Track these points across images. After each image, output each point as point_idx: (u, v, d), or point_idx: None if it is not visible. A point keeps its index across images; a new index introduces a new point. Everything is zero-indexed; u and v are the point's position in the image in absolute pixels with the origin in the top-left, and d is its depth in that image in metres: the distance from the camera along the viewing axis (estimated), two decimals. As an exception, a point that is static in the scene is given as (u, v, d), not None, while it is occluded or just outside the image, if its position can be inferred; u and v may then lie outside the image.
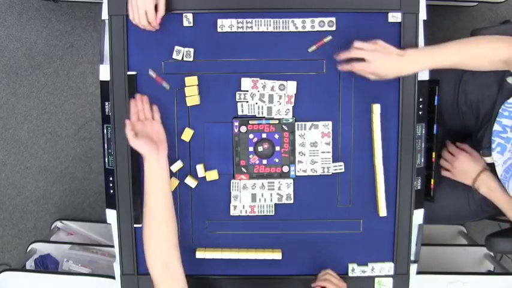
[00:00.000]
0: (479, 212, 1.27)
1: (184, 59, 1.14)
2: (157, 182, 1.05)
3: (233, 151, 1.16)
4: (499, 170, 1.15)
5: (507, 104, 1.13)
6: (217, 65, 1.15)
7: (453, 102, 1.27)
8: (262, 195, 1.17)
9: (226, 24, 1.13)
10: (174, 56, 1.14)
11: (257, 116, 1.16)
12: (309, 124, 1.15)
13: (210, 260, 1.19)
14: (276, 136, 1.15)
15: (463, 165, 1.22)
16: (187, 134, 1.15)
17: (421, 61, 1.07)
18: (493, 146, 1.16)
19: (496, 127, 1.15)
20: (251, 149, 1.16)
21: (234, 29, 1.13)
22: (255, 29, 1.13)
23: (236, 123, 1.15)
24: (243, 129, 1.15)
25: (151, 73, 1.13)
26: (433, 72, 1.15)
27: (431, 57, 1.06)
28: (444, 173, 1.25)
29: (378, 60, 1.06)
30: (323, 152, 1.16)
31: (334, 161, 1.16)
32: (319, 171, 1.16)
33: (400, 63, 1.06)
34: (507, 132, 1.13)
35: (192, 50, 1.14)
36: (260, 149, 1.16)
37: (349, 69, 1.09)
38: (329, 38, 1.12)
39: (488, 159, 1.20)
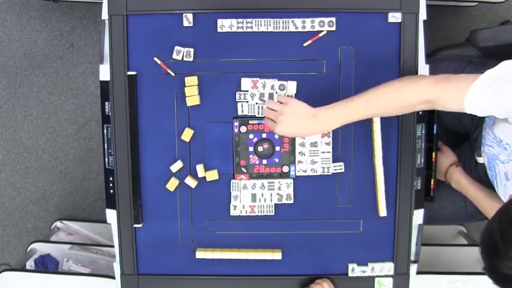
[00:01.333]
0: (477, 213, 1.27)
1: (184, 59, 1.14)
2: None
3: (233, 151, 1.15)
4: (487, 169, 1.15)
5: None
6: (217, 65, 1.15)
7: None
8: (262, 195, 1.17)
9: (226, 24, 1.13)
10: (174, 56, 1.14)
11: (257, 116, 1.16)
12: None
13: (210, 260, 1.19)
14: (276, 136, 1.15)
15: (441, 157, 1.27)
16: (187, 134, 1.15)
17: (333, 120, 1.01)
18: (483, 148, 1.16)
19: (484, 131, 1.15)
20: (251, 149, 1.16)
21: (234, 29, 1.13)
22: (255, 29, 1.13)
23: (236, 123, 1.15)
24: (243, 129, 1.15)
25: (157, 60, 1.13)
26: (433, 72, 1.15)
27: (343, 114, 1.00)
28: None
29: (282, 123, 1.01)
30: (323, 152, 1.16)
31: (334, 161, 1.16)
32: (319, 171, 1.16)
33: (312, 123, 1.01)
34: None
35: (192, 50, 1.14)
36: (260, 149, 1.16)
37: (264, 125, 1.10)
38: (324, 32, 1.12)
39: (481, 160, 1.20)
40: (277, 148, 1.15)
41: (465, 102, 0.90)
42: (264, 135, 1.15)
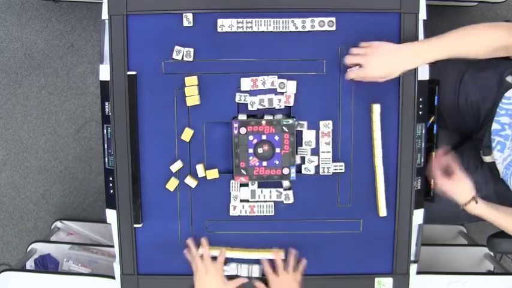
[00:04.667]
0: None
1: (184, 59, 1.14)
2: None
3: (233, 153, 1.15)
4: (500, 167, 1.15)
5: (504, 100, 1.13)
6: (217, 65, 1.15)
7: (453, 103, 1.27)
8: (262, 191, 1.17)
9: (226, 24, 1.13)
10: (174, 56, 1.14)
11: (257, 116, 1.16)
12: (308, 124, 1.15)
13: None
14: (276, 138, 1.14)
15: (458, 187, 1.17)
16: (187, 134, 1.15)
17: (419, 54, 1.05)
18: (493, 144, 1.16)
19: (495, 126, 1.15)
20: (251, 150, 1.14)
21: (234, 29, 1.13)
22: (255, 29, 1.13)
23: (236, 125, 1.13)
24: (243, 130, 1.13)
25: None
26: (433, 72, 1.15)
27: (429, 49, 1.05)
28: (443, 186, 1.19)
29: (372, 62, 1.05)
30: (323, 152, 1.16)
31: (334, 161, 1.16)
32: (320, 171, 1.16)
33: (398, 59, 1.05)
34: (505, 130, 1.13)
35: (192, 50, 1.14)
36: (260, 150, 1.14)
37: (351, 78, 1.09)
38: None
39: (488, 159, 1.20)
40: (278, 150, 1.14)
41: None
42: (264, 137, 1.14)
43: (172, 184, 1.17)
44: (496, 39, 1.02)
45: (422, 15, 1.13)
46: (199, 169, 1.16)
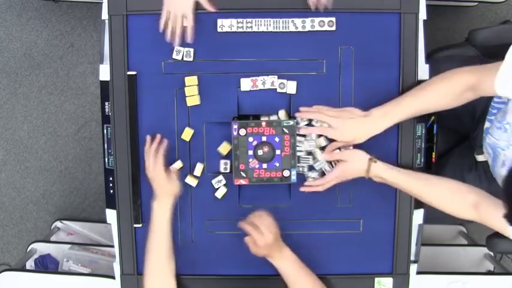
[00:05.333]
0: None
1: (184, 59, 1.14)
2: (164, 222, 1.10)
3: (232, 154, 1.14)
4: (490, 163, 1.16)
5: (496, 99, 1.13)
6: (217, 65, 1.15)
7: None
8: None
9: (226, 24, 1.13)
10: (174, 56, 1.14)
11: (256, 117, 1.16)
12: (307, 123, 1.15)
13: (210, 260, 1.19)
14: (277, 139, 1.12)
15: (349, 155, 1.12)
16: (187, 134, 1.15)
17: (385, 119, 1.07)
18: (485, 143, 1.16)
19: (487, 124, 1.15)
20: (251, 152, 1.12)
21: (234, 29, 1.13)
22: (255, 29, 1.13)
23: (235, 126, 1.11)
24: (242, 132, 1.12)
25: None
26: (432, 72, 1.15)
27: (395, 111, 1.07)
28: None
29: (344, 126, 1.08)
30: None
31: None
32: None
33: (367, 124, 1.08)
34: None
35: (191, 50, 1.14)
36: (260, 152, 1.12)
37: (312, 132, 1.12)
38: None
39: (481, 158, 1.20)
40: (278, 152, 1.12)
41: (495, 85, 0.94)
42: (264, 138, 1.12)
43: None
44: (458, 84, 1.02)
45: (422, 15, 1.13)
46: (199, 169, 1.16)
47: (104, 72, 1.17)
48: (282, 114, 1.16)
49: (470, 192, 1.04)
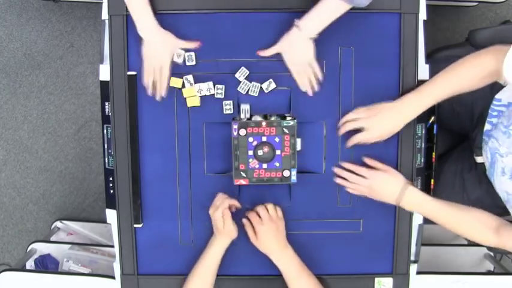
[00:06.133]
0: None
1: (187, 63, 1.13)
2: (217, 257, 1.14)
3: (232, 155, 1.14)
4: (487, 167, 1.16)
5: (495, 102, 1.13)
6: (217, 65, 1.15)
7: (449, 103, 1.27)
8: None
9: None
10: (175, 59, 1.13)
11: (257, 116, 1.16)
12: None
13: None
14: (277, 139, 1.12)
15: (378, 188, 1.12)
16: (175, 82, 1.14)
17: (417, 103, 1.06)
18: (485, 145, 1.16)
19: (487, 126, 1.15)
20: (251, 152, 1.13)
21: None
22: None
23: (235, 126, 1.12)
24: (242, 132, 1.12)
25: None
26: (433, 72, 1.15)
27: (425, 95, 1.06)
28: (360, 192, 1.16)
29: (377, 124, 1.08)
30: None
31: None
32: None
33: (399, 115, 1.07)
34: None
35: (193, 54, 1.13)
36: (260, 152, 1.12)
37: (354, 143, 1.11)
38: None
39: (480, 159, 1.20)
40: (278, 152, 1.12)
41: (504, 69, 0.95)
42: (264, 139, 1.12)
43: (176, 82, 1.14)
44: (484, 67, 1.02)
45: (422, 15, 1.13)
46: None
47: (104, 72, 1.17)
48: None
49: (492, 218, 1.06)
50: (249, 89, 1.14)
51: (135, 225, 1.19)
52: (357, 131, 1.11)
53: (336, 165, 1.16)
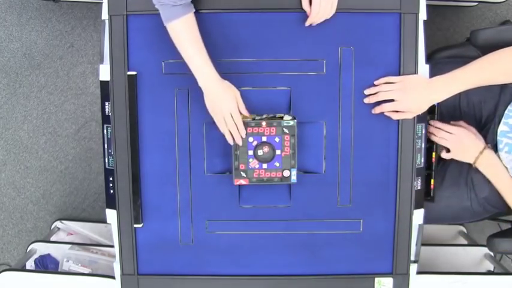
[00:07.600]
0: (482, 212, 1.28)
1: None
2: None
3: (232, 155, 1.14)
4: (508, 167, 1.16)
5: None
6: (217, 65, 1.15)
7: (454, 103, 1.28)
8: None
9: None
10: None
11: (257, 117, 1.16)
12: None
13: (210, 260, 1.19)
14: (277, 139, 1.13)
15: (463, 142, 1.18)
16: None
17: (449, 86, 1.07)
18: (501, 146, 1.17)
19: (503, 127, 1.16)
20: (251, 152, 1.13)
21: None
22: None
23: (235, 126, 1.13)
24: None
25: None
26: (434, 72, 1.15)
27: (458, 79, 1.07)
28: (444, 155, 1.22)
29: (407, 97, 1.08)
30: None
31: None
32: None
33: (430, 93, 1.08)
34: None
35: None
36: (260, 152, 1.13)
37: (381, 111, 1.12)
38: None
39: None
40: (278, 152, 1.13)
41: None
42: (264, 139, 1.12)
43: None
44: None
45: (423, 15, 1.13)
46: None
47: (104, 72, 1.17)
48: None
49: None
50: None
51: (135, 225, 1.19)
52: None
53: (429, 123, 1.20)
